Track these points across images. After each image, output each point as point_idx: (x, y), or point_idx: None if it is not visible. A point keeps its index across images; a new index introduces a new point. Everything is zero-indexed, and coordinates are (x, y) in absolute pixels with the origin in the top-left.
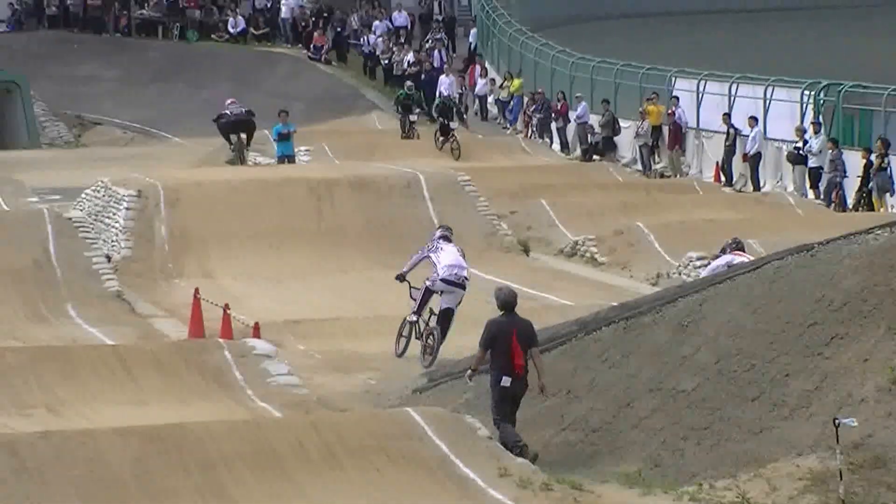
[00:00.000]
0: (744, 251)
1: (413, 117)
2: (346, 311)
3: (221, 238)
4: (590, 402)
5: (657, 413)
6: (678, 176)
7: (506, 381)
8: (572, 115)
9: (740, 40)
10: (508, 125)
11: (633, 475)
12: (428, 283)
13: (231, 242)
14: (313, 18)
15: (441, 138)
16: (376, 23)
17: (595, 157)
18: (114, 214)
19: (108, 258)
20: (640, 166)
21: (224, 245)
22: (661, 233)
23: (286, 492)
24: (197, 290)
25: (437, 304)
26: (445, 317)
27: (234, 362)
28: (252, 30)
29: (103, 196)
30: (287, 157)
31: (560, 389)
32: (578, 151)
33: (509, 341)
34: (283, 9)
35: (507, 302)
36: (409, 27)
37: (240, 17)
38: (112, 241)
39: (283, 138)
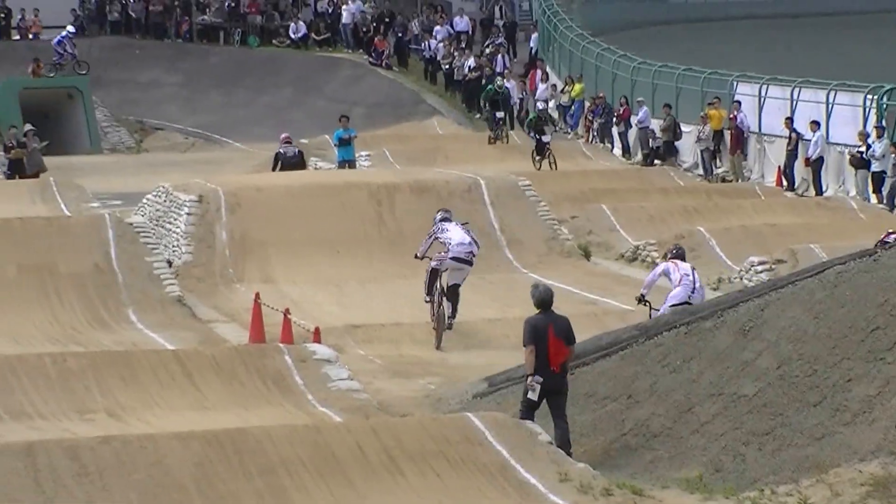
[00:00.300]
0: (683, 259)
1: (500, 114)
2: (406, 316)
3: (282, 243)
4: (651, 406)
5: (718, 418)
6: (740, 180)
7: (538, 379)
8: (634, 120)
9: (803, 45)
10: (569, 130)
11: (694, 480)
12: (434, 263)
13: (291, 247)
14: (374, 23)
15: (538, 157)
16: (437, 28)
17: (656, 161)
18: (175, 219)
19: (169, 263)
20: (701, 171)
21: (284, 250)
22: (723, 237)
23: (346, 496)
24: (257, 295)
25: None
26: (454, 293)
27: (295, 367)
28: (313, 35)
29: (164, 201)
30: (348, 162)
31: (621, 394)
32: (639, 156)
33: (546, 338)
34: (345, 14)
35: (544, 300)
36: (470, 32)
37: (301, 23)
38: (173, 246)
39: (344, 143)
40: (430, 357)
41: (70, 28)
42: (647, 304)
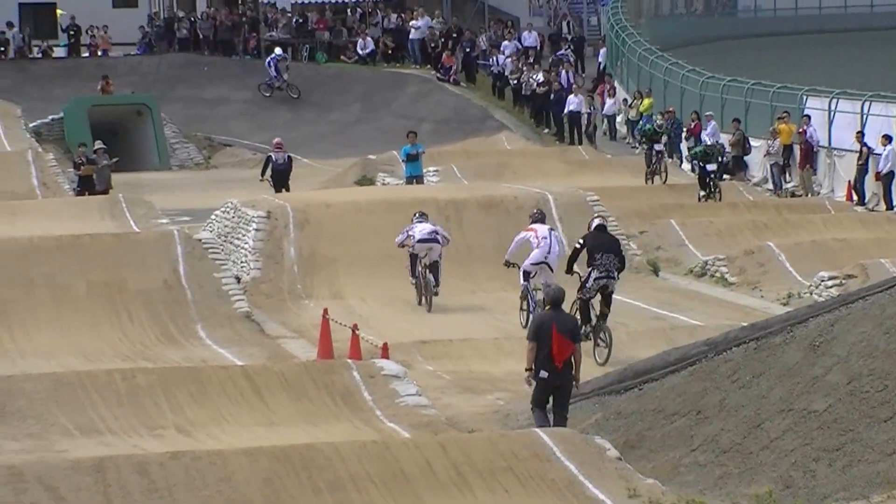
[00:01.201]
0: (543, 223)
1: (659, 147)
2: (474, 331)
3: (350, 259)
4: (720, 422)
5: (788, 434)
6: (809, 195)
7: (543, 374)
8: (703, 135)
9: (873, 58)
10: (637, 145)
11: (763, 496)
12: (410, 251)
13: (360, 263)
14: (442, 39)
15: (702, 193)
16: (505, 43)
17: (725, 176)
18: (243, 235)
19: (238, 279)
20: (770, 185)
21: (353, 266)
22: (792, 252)
23: None
24: (326, 311)
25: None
26: (434, 268)
27: (363, 383)
28: (381, 50)
29: (233, 217)
30: (416, 178)
31: (690, 410)
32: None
33: (549, 335)
34: (413, 30)
35: (555, 298)
36: (538, 47)
37: (369, 39)
38: (241, 262)
39: (412, 159)
40: (499, 373)
41: (278, 50)
42: (513, 265)
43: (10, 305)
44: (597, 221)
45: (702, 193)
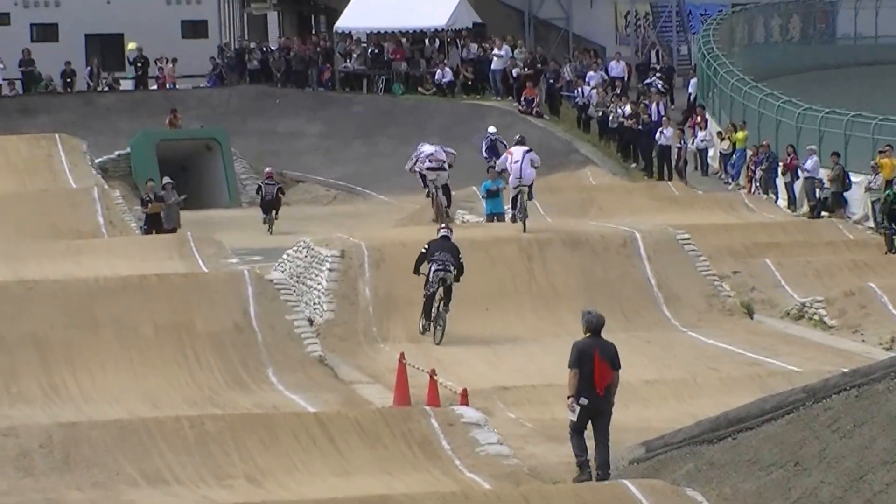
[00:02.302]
0: (524, 144)
1: None
2: (559, 376)
3: None
4: (819, 474)
5: (893, 487)
6: None
7: (584, 400)
8: (800, 170)
9: None
10: (730, 180)
11: None
12: (417, 168)
13: None
14: (525, 69)
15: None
16: (590, 73)
17: (823, 213)
18: (316, 276)
19: (311, 321)
20: (872, 223)
21: None
22: None
23: None
24: (402, 355)
25: None
26: (446, 190)
27: (442, 431)
28: (460, 81)
29: (305, 257)
30: (496, 215)
31: (787, 461)
32: (805, 207)
33: (591, 361)
34: (495, 60)
35: (594, 324)
36: (625, 78)
37: (447, 69)
38: (314, 303)
39: (493, 195)
40: None
41: (492, 129)
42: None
43: (75, 348)
44: (443, 232)
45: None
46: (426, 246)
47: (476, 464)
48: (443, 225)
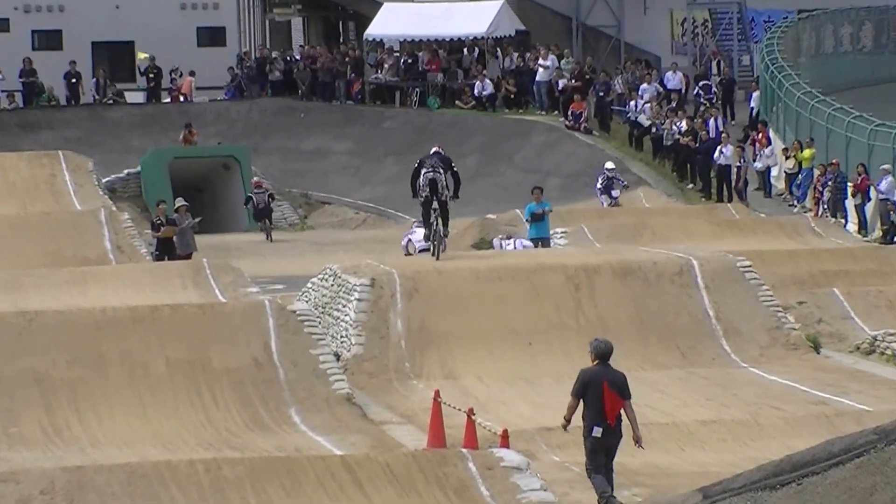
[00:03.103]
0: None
1: None
2: None
3: (465, 333)
4: None
5: None
6: None
7: (597, 432)
8: (871, 191)
9: None
10: (796, 202)
11: None
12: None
13: (476, 338)
14: (572, 82)
15: None
16: (644, 86)
17: None
18: (343, 306)
19: (337, 356)
20: None
21: (468, 341)
22: None
23: None
24: (437, 393)
25: None
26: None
27: (480, 476)
28: (502, 94)
29: (332, 286)
30: (541, 240)
31: None
32: (878, 232)
33: (601, 391)
34: (539, 71)
35: (603, 352)
36: (682, 91)
37: (487, 81)
38: (341, 336)
39: (537, 218)
40: (636, 464)
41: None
42: None
43: (81, 386)
44: (435, 149)
45: None
46: (418, 161)
47: None
48: (436, 146)
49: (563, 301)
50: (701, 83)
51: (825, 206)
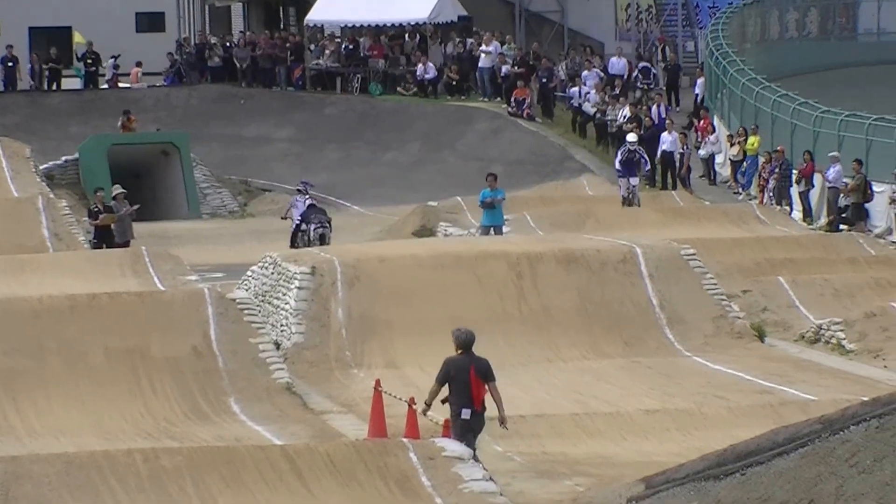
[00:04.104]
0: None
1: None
2: (551, 406)
3: (407, 322)
4: None
5: None
6: None
7: (465, 414)
8: (817, 178)
9: None
10: (741, 189)
11: None
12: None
13: (418, 327)
14: (515, 68)
15: None
16: (585, 72)
17: (842, 226)
18: (284, 295)
19: (277, 345)
20: (895, 237)
21: (410, 330)
22: None
23: None
24: (378, 382)
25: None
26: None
27: (422, 466)
28: (444, 81)
29: (272, 274)
30: (494, 227)
31: (801, 499)
32: (823, 220)
33: (467, 377)
34: (482, 57)
35: (466, 341)
36: (625, 76)
37: (430, 67)
38: (282, 325)
39: (489, 206)
40: (579, 454)
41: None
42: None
43: (18, 376)
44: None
45: None
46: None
47: (459, 502)
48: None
49: (505, 290)
50: (640, 65)
51: (770, 194)
